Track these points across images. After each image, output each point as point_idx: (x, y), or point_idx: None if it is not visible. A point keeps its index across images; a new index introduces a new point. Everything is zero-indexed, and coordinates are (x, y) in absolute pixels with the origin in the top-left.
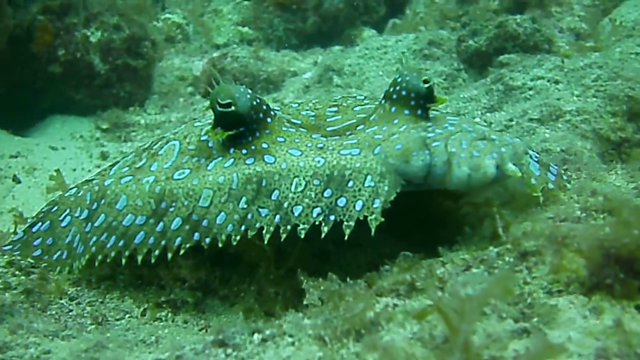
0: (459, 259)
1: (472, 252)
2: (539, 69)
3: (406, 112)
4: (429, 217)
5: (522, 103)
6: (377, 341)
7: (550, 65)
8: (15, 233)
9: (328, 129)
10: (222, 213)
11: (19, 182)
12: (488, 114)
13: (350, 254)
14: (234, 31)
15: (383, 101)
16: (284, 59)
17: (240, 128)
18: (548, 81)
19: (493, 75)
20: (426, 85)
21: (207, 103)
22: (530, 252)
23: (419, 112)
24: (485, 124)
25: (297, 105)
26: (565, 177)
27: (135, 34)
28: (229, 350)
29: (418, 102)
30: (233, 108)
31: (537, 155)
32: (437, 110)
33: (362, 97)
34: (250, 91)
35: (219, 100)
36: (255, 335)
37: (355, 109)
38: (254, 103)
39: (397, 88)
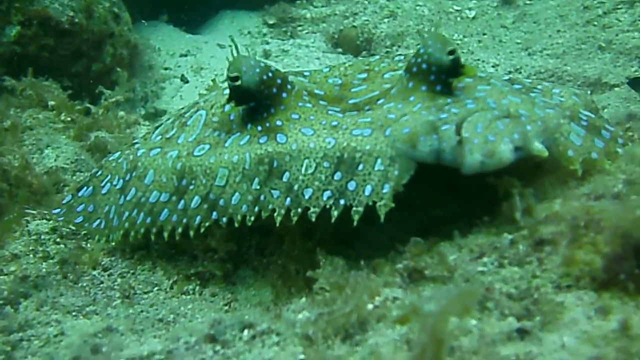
0: (474, 245)
1: (491, 236)
2: None
3: (423, 88)
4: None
5: None
6: (360, 344)
7: None
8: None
9: (349, 101)
10: (237, 193)
11: (187, 81)
12: None
13: (397, 216)
14: None
15: (403, 73)
16: None
17: (250, 103)
18: None
19: None
20: (450, 57)
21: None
22: (546, 240)
23: (438, 87)
24: (522, 85)
25: (328, 69)
26: (621, 141)
27: None
28: (218, 347)
29: (439, 76)
30: (239, 82)
31: (589, 117)
32: (471, 78)
33: (401, 57)
34: (263, 64)
35: (229, 74)
36: (246, 332)
37: (385, 76)
38: (264, 77)
39: (418, 60)
